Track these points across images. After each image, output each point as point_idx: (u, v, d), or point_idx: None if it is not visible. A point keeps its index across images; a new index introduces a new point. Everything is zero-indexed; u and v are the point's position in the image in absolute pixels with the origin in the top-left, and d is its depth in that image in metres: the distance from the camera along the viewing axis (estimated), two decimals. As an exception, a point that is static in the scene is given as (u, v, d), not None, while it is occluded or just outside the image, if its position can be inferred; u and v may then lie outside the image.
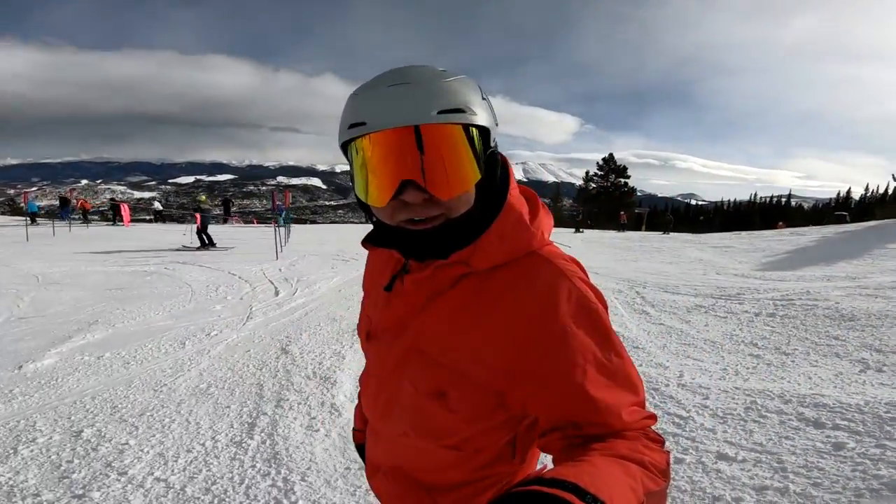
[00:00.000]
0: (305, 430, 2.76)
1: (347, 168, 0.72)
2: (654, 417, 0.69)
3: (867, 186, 71.45)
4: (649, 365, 3.84)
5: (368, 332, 0.87)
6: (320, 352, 4.14)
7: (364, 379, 0.93)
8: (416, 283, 0.74)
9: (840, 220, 22.57)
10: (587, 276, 0.73)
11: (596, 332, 0.67)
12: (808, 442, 2.49)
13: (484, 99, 0.68)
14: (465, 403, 0.72)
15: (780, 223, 28.15)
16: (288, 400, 3.18)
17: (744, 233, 19.56)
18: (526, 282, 0.69)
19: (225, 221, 24.41)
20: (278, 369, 3.75)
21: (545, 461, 0.83)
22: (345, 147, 0.70)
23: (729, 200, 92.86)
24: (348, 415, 2.96)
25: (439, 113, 0.62)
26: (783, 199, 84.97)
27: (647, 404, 0.70)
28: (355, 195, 0.71)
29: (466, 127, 0.64)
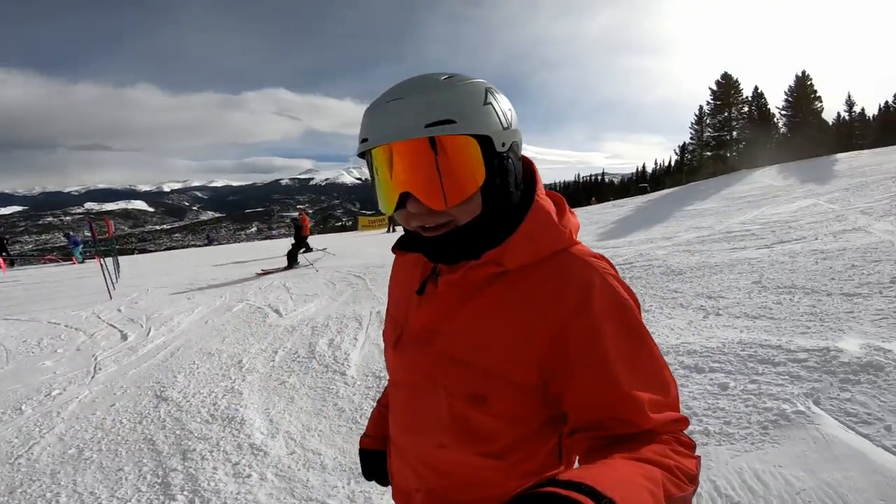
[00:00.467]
0: (235, 479, 2.41)
1: (177, 186, 0.67)
2: (685, 421, 0.68)
3: (656, 161, 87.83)
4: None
5: (398, 338, 0.83)
6: (209, 392, 3.64)
7: (390, 392, 0.88)
8: (449, 285, 0.74)
9: (643, 191, 27.16)
10: (618, 274, 0.74)
11: (629, 329, 0.68)
12: (699, 386, 2.76)
13: (487, 104, 0.67)
14: (503, 405, 0.70)
15: (593, 199, 32.18)
16: (195, 450, 2.74)
17: (578, 210, 22.40)
18: (559, 279, 0.70)
19: (11, 264, 19.36)
20: (164, 419, 3.19)
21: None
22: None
23: (560, 182, 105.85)
24: (276, 453, 2.66)
25: (427, 126, 0.63)
26: (599, 177, 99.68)
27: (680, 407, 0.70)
28: None
29: (462, 138, 0.65)
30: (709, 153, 42.24)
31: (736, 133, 41.08)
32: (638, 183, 50.55)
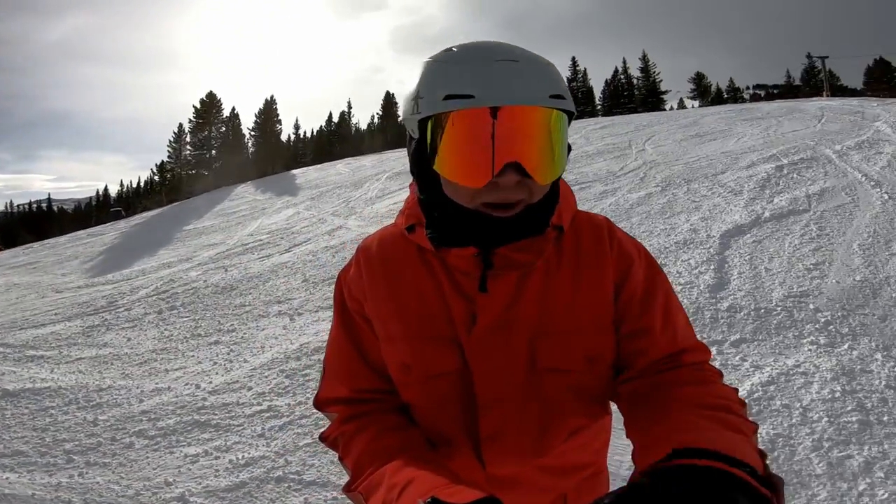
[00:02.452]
0: None
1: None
2: (707, 350, 0.75)
3: (122, 182, 78.48)
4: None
5: (454, 356, 0.72)
6: None
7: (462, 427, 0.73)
8: (514, 266, 0.71)
9: (118, 215, 23.48)
10: None
11: (650, 261, 0.77)
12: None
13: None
14: (610, 354, 0.73)
15: None
16: None
17: (35, 245, 16.85)
18: (594, 235, 0.76)
19: None
20: None
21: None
22: (425, 118, 0.66)
23: (-21, 213, 76.06)
24: None
25: (551, 97, 0.63)
26: (44, 205, 79.29)
27: None
28: (434, 171, 0.67)
29: (564, 114, 0.66)
30: (191, 171, 42.12)
31: (215, 152, 42.82)
32: (106, 208, 43.99)
